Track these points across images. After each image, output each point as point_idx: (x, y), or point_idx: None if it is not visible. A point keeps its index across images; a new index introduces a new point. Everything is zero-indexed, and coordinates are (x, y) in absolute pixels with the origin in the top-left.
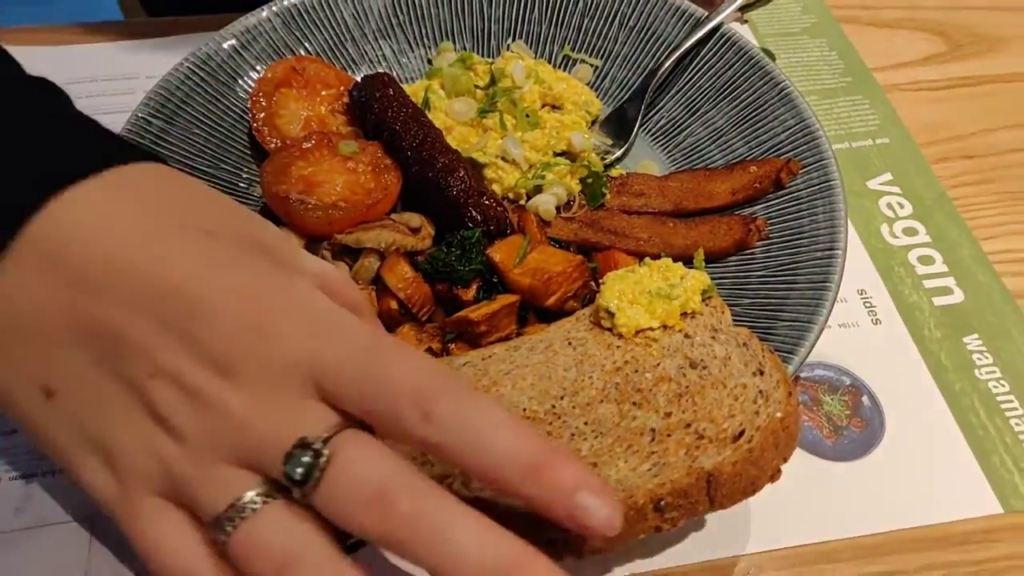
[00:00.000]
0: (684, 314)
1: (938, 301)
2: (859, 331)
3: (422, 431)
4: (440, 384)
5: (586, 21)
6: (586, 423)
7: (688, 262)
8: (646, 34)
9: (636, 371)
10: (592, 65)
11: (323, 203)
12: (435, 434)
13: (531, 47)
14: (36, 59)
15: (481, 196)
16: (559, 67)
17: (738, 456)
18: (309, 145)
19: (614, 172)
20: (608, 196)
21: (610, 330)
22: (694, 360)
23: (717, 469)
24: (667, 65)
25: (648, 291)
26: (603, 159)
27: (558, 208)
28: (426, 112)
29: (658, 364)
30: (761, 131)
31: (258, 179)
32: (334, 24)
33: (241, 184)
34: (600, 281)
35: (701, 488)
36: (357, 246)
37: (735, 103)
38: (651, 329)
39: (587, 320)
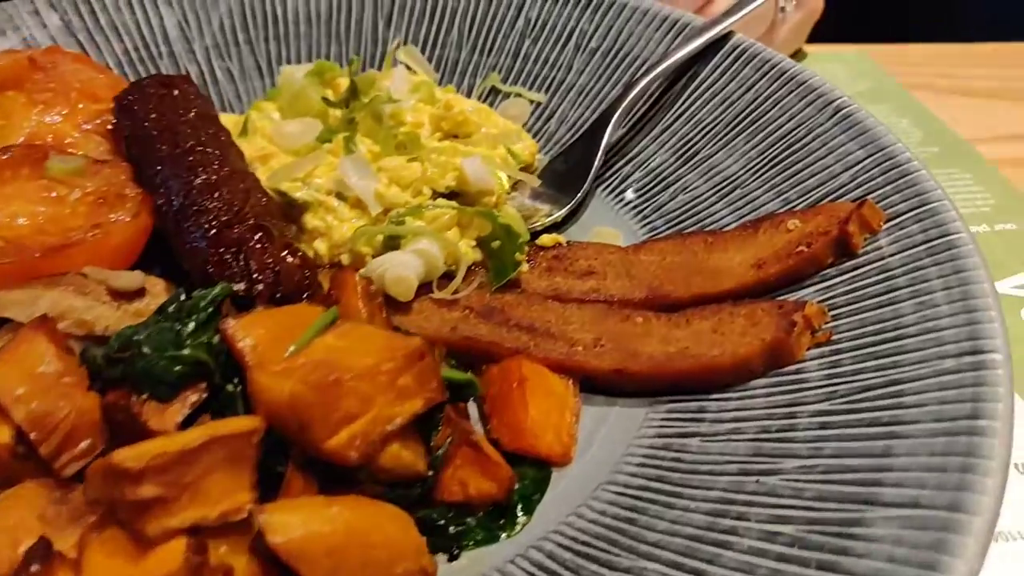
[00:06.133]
0: None
1: None
2: None
3: None
4: None
5: (527, 43)
6: None
7: (682, 392)
8: (614, 56)
9: None
10: (532, 101)
11: None
12: None
13: (448, 81)
14: None
15: (257, 230)
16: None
17: None
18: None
19: (545, 240)
20: (526, 271)
21: None
22: None
23: None
24: (641, 87)
25: None
26: (531, 224)
27: (425, 285)
28: (242, 138)
29: None
30: (806, 173)
31: None
32: (143, 31)
33: None
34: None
35: None
36: None
37: (757, 137)
38: None
39: None
